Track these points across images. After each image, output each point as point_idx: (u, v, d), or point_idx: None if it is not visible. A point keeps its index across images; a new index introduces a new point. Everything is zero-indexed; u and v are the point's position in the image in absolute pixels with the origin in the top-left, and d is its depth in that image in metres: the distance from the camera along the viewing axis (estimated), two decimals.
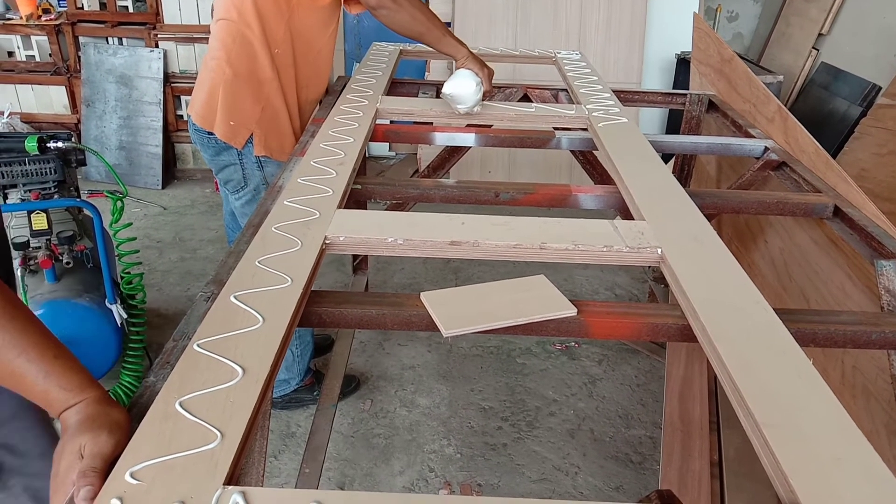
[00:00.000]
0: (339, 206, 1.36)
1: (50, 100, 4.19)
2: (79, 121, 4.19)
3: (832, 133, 3.45)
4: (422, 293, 1.13)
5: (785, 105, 4.13)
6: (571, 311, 1.10)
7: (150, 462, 0.73)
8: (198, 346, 0.92)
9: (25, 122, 4.10)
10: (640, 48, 4.09)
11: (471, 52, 1.98)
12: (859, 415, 1.64)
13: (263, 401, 0.85)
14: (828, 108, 3.66)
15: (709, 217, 1.39)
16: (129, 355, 2.34)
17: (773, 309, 1.07)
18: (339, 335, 2.44)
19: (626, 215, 1.50)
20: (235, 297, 1.03)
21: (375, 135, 1.90)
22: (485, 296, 1.14)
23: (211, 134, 1.98)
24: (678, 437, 1.94)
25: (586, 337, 1.12)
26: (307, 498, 0.70)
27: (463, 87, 1.86)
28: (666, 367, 2.13)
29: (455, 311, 1.09)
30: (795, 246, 1.90)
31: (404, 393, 2.44)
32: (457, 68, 1.94)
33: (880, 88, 3.27)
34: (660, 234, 1.29)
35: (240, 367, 0.88)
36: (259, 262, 1.13)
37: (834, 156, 3.11)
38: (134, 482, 0.71)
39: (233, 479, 0.74)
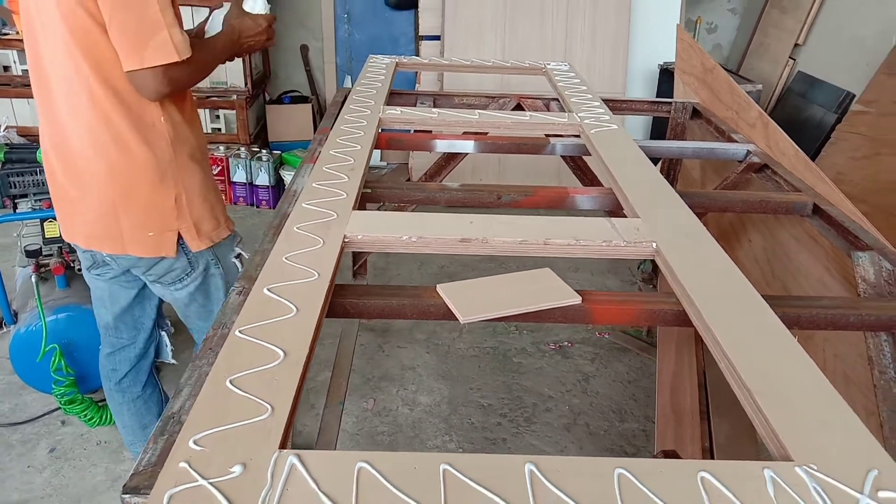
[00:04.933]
0: (354, 209, 1.45)
1: None
2: None
3: (809, 139, 3.59)
4: (437, 285, 1.22)
5: None
6: (576, 300, 1.20)
7: (210, 431, 0.81)
8: (239, 332, 1.00)
9: (22, 136, 4.13)
10: (623, 59, 4.22)
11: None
12: None
13: (304, 377, 0.94)
14: (804, 116, 3.81)
15: (697, 216, 1.49)
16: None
17: (761, 295, 1.17)
18: (341, 336, 2.52)
19: (617, 215, 1.60)
20: (269, 290, 1.11)
21: (379, 142, 1.98)
22: (496, 287, 1.23)
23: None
24: (670, 426, 2.04)
25: (591, 323, 1.21)
26: (355, 458, 0.78)
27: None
28: (657, 362, 2.23)
29: (470, 301, 1.18)
30: (778, 244, 2.01)
31: (406, 392, 2.52)
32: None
33: (854, 96, 3.41)
34: (654, 229, 1.39)
35: (281, 349, 0.96)
36: (287, 259, 1.21)
37: (811, 160, 3.25)
38: (197, 449, 0.79)
39: (284, 446, 0.82)
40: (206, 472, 0.75)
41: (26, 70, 4.23)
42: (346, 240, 1.32)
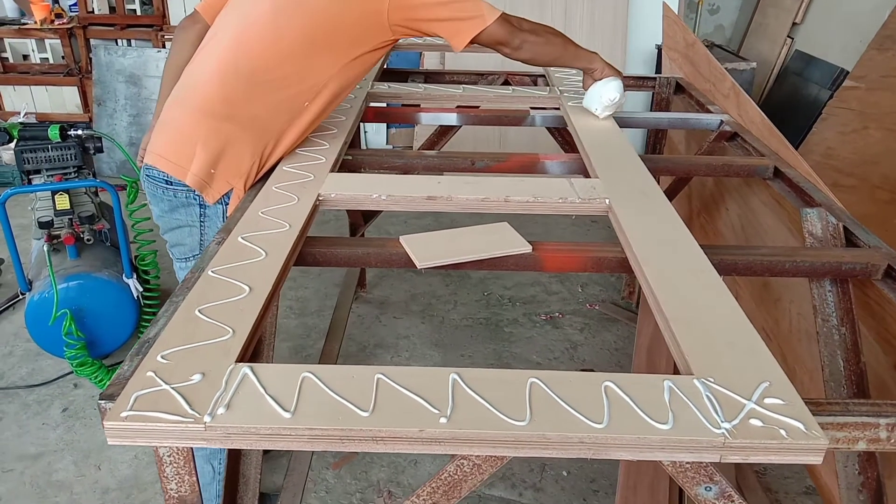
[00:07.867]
0: (332, 171, 1.55)
1: (63, 100, 4.41)
2: (90, 119, 4.40)
3: (805, 116, 3.62)
4: (400, 236, 1.32)
5: (761, 91, 4.31)
6: (527, 249, 1.29)
7: (176, 349, 0.92)
8: (212, 271, 1.11)
9: (41, 122, 4.31)
10: (622, 40, 4.28)
11: (603, 60, 1.85)
12: (803, 356, 1.82)
13: (268, 309, 1.05)
14: (801, 93, 3.84)
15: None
16: (145, 327, 2.54)
17: (701, 245, 1.25)
18: (337, 305, 2.63)
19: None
20: (242, 238, 1.22)
21: (366, 115, 2.09)
22: (454, 237, 1.33)
23: (171, 184, 1.58)
24: None
25: (541, 270, 1.31)
26: (301, 370, 0.89)
27: (609, 95, 1.86)
28: (637, 325, 2.31)
29: (428, 249, 1.28)
30: (749, 209, 2.08)
31: (399, 359, 2.64)
32: (595, 80, 1.88)
33: (847, 72, 3.45)
34: (610, 188, 1.48)
35: (247, 286, 1.07)
36: (262, 213, 1.33)
37: (804, 137, 3.30)
38: (164, 362, 0.90)
39: (242, 361, 0.93)
40: (169, 379, 0.87)
41: (44, 58, 4.39)
42: (319, 198, 1.43)
